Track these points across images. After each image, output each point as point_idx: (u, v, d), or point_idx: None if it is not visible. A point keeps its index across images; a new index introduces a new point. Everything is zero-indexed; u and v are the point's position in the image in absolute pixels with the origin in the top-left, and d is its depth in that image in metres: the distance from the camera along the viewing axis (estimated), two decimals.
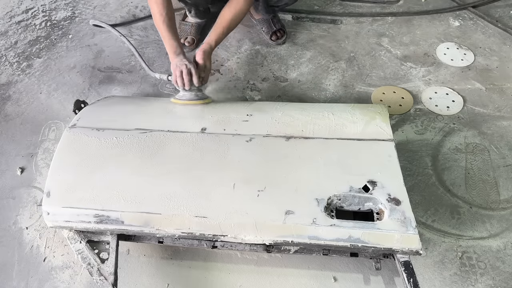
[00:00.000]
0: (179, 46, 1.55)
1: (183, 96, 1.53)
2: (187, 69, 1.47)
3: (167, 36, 1.55)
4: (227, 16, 1.60)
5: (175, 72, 1.49)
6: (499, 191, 1.52)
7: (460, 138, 1.68)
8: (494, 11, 2.24)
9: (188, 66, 1.47)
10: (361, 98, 1.84)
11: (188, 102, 1.52)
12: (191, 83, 1.49)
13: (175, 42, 1.55)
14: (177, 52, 1.53)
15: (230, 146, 1.34)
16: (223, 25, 1.60)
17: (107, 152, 1.32)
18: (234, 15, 1.60)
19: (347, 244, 1.12)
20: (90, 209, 1.20)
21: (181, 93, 1.54)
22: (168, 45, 1.55)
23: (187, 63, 1.48)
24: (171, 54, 1.53)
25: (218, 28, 1.60)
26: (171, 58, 1.54)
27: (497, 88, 1.87)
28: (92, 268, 1.18)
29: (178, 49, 1.53)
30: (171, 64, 1.53)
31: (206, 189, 1.22)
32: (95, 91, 1.89)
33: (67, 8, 2.30)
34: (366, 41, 2.10)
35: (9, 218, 1.49)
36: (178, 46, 1.55)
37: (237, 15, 1.61)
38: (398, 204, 1.17)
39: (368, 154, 1.30)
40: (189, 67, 1.47)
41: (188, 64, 1.48)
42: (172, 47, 1.54)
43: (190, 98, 1.52)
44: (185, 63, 1.48)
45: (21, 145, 1.69)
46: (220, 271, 1.35)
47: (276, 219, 1.16)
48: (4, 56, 2.05)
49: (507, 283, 1.30)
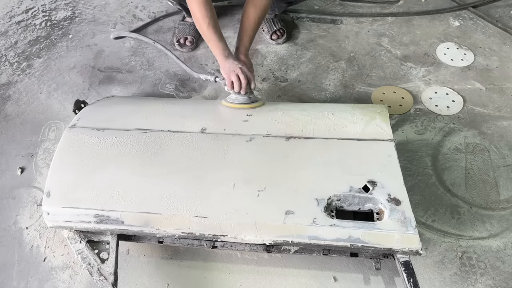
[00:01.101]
0: (227, 48, 1.50)
1: (235, 99, 1.49)
2: (243, 73, 1.44)
3: (213, 39, 1.48)
4: (252, 15, 1.55)
5: (230, 76, 1.45)
6: (499, 191, 1.52)
7: (460, 138, 1.68)
8: (494, 11, 2.24)
9: (244, 70, 1.45)
10: (361, 98, 1.84)
11: (242, 106, 1.48)
12: (248, 87, 1.46)
13: (222, 44, 1.49)
14: (225, 54, 1.48)
15: (230, 146, 1.34)
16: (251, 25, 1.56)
17: (107, 152, 1.32)
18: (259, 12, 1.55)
19: (347, 244, 1.12)
20: (90, 209, 1.20)
21: (233, 96, 1.50)
22: (215, 48, 1.49)
23: (241, 66, 1.45)
24: (220, 57, 1.49)
25: (247, 29, 1.56)
26: (220, 61, 1.50)
27: (497, 88, 1.87)
28: (92, 268, 1.18)
29: (226, 51, 1.49)
30: (221, 68, 1.49)
31: (206, 189, 1.22)
32: (95, 91, 1.89)
33: (67, 8, 2.30)
34: (366, 41, 2.10)
35: (9, 218, 1.49)
36: (226, 48, 1.50)
37: (262, 10, 1.56)
38: (398, 204, 1.17)
39: (368, 154, 1.30)
40: (245, 71, 1.45)
41: (243, 67, 1.45)
42: (220, 49, 1.48)
43: (244, 101, 1.49)
44: (239, 66, 1.45)
45: (21, 145, 1.69)
46: (220, 271, 1.35)
47: (276, 219, 1.16)
48: (4, 56, 2.05)
49: (507, 283, 1.30)
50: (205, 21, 1.46)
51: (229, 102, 1.51)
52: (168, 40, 2.10)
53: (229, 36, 2.12)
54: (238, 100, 1.50)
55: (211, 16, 1.46)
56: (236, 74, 1.44)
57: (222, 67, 1.49)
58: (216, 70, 1.96)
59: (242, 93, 1.47)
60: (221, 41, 1.49)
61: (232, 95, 1.51)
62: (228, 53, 1.49)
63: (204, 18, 1.46)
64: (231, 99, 1.51)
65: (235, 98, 1.50)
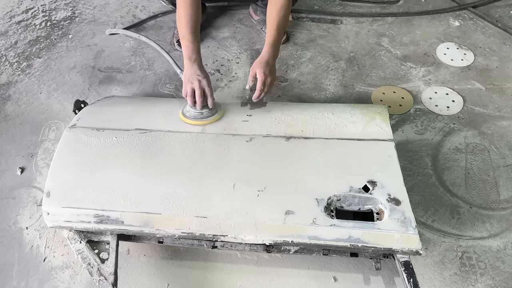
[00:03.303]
0: (196, 52, 1.39)
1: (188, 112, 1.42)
2: (200, 88, 1.33)
3: (186, 37, 1.39)
4: (273, 16, 1.46)
5: (186, 86, 1.36)
6: (499, 191, 1.52)
7: (460, 138, 1.68)
8: (494, 11, 2.24)
9: (202, 84, 1.34)
10: (361, 98, 1.84)
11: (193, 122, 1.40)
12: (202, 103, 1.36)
13: (193, 47, 1.39)
14: (192, 58, 1.38)
15: (230, 146, 1.34)
16: (273, 27, 1.46)
17: (107, 152, 1.32)
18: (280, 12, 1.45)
19: (347, 244, 1.12)
20: (90, 209, 1.20)
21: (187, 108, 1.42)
22: (185, 48, 1.40)
23: (200, 79, 1.34)
24: (185, 60, 1.40)
25: (269, 32, 1.47)
26: (185, 64, 1.40)
27: (497, 88, 1.87)
28: (92, 268, 1.18)
29: (194, 55, 1.38)
30: (184, 71, 1.41)
31: (206, 189, 1.22)
32: (95, 91, 1.89)
33: (67, 8, 2.30)
34: (366, 41, 2.10)
35: (9, 218, 1.49)
36: (195, 52, 1.39)
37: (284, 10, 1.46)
38: (398, 204, 1.17)
39: (368, 154, 1.30)
40: (203, 85, 1.34)
41: (203, 81, 1.34)
42: (188, 51, 1.38)
43: (195, 117, 1.40)
44: (199, 78, 1.34)
45: (21, 145, 1.69)
46: (220, 271, 1.35)
47: (276, 219, 1.16)
48: (4, 56, 2.05)
49: (507, 283, 1.30)
50: (186, 18, 1.39)
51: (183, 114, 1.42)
52: (168, 40, 2.10)
53: (228, 36, 2.12)
54: (190, 113, 1.41)
55: (193, 14, 1.40)
56: (191, 87, 1.35)
57: (184, 72, 1.40)
58: (216, 70, 1.96)
59: (197, 108, 1.38)
60: (194, 43, 1.39)
61: (187, 106, 1.42)
62: (195, 58, 1.38)
63: (186, 15, 1.39)
64: (186, 109, 1.42)
65: (187, 111, 1.42)
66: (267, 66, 1.42)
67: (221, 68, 1.97)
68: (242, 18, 2.21)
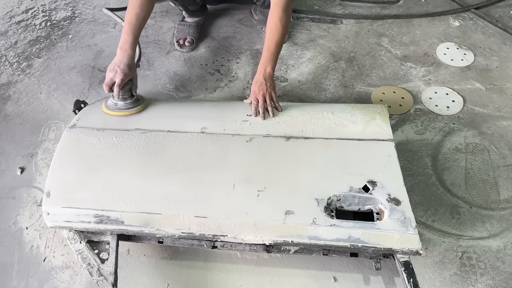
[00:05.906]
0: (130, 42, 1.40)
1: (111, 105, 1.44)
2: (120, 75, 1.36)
3: (124, 28, 1.43)
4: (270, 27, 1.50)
5: (108, 73, 1.38)
6: (499, 191, 1.52)
7: (460, 138, 1.68)
8: (494, 11, 2.24)
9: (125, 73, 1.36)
10: (361, 98, 1.84)
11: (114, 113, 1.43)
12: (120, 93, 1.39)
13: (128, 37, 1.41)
14: (121, 45, 1.41)
15: (230, 146, 1.34)
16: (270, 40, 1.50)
17: (107, 152, 1.32)
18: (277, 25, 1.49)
19: (347, 244, 1.12)
20: (90, 209, 1.20)
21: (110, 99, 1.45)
22: (123, 34, 1.43)
23: (123, 68, 1.37)
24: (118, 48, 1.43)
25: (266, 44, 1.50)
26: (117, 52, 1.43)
27: (497, 88, 1.87)
28: (92, 268, 1.18)
29: (126, 45, 1.40)
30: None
31: (206, 189, 1.22)
32: (95, 91, 1.89)
33: (67, 8, 2.30)
34: (366, 41, 2.10)
35: (9, 218, 1.49)
36: (129, 42, 1.40)
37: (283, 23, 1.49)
38: (398, 204, 1.17)
39: (368, 154, 1.30)
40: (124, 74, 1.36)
41: (125, 69, 1.37)
42: (123, 38, 1.41)
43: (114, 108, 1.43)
44: (121, 67, 1.37)
45: (21, 145, 1.69)
46: (220, 271, 1.35)
47: (276, 219, 1.16)
48: (4, 56, 2.05)
49: (507, 283, 1.30)
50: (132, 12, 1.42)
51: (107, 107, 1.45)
52: (168, 40, 2.10)
53: (228, 36, 2.12)
54: (109, 106, 1.44)
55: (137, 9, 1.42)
56: (110, 76, 1.36)
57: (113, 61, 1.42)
58: (216, 70, 1.96)
59: (115, 97, 1.41)
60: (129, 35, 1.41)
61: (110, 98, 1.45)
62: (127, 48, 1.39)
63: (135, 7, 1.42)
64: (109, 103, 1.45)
65: (110, 102, 1.44)
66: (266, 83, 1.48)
67: (221, 68, 1.97)
68: (242, 18, 2.21)
